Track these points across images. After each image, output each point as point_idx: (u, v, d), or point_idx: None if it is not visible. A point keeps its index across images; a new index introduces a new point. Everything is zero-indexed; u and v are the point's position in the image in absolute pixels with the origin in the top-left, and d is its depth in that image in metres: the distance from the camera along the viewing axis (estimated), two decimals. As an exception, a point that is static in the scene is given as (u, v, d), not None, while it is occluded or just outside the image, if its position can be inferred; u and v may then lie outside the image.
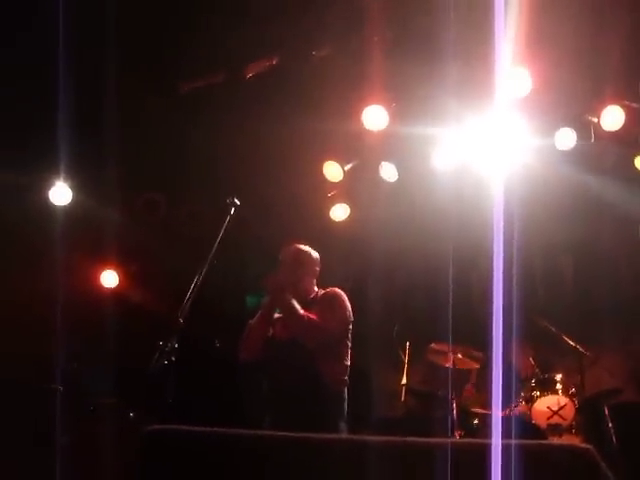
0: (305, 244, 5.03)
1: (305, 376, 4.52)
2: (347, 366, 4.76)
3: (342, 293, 4.84)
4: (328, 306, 4.73)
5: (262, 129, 6.52)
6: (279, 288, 4.67)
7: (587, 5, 5.58)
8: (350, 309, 4.79)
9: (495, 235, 3.70)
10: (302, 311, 4.60)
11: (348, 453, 2.48)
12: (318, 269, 4.99)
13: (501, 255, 3.61)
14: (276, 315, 4.80)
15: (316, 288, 4.96)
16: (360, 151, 6.88)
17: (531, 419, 6.38)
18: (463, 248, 6.64)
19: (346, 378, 4.74)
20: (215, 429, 2.72)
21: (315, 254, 5.01)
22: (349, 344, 4.78)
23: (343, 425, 4.64)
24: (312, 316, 4.59)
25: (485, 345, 6.41)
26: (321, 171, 6.94)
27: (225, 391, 7.25)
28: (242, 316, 5.53)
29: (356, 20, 5.82)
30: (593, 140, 6.59)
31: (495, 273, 3.55)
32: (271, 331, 4.77)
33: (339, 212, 7.38)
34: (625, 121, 6.31)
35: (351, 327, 4.79)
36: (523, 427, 6.19)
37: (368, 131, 6.45)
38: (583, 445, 2.27)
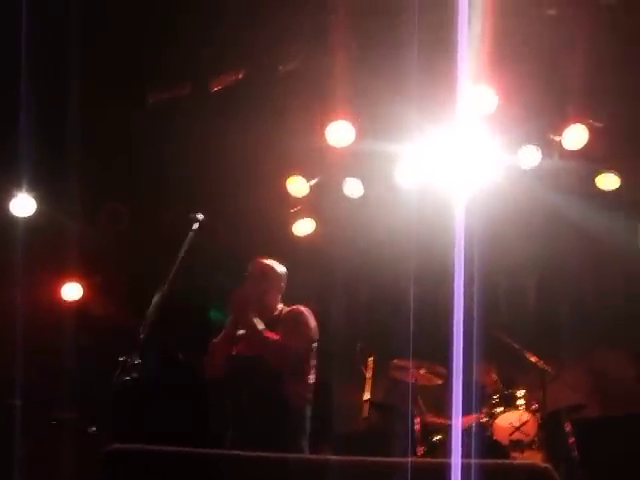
0: (271, 259, 4.99)
1: (268, 395, 4.48)
2: (311, 384, 4.72)
3: (307, 311, 4.79)
4: (293, 325, 4.68)
5: (228, 142, 6.51)
6: (243, 306, 4.63)
7: (549, 24, 5.66)
8: (315, 327, 4.75)
9: (457, 252, 3.72)
10: (265, 331, 4.55)
11: (308, 473, 2.46)
12: (284, 285, 4.94)
13: (462, 272, 3.64)
14: (240, 332, 4.77)
15: (281, 305, 4.90)
16: (325, 167, 6.90)
17: (493, 435, 6.39)
18: (427, 265, 6.67)
19: (309, 396, 4.70)
20: (176, 448, 2.69)
21: (281, 269, 4.96)
22: (314, 362, 4.74)
23: (305, 443, 4.59)
24: (275, 336, 4.55)
25: (447, 360, 6.44)
26: (285, 186, 6.94)
27: (188, 407, 7.21)
28: (207, 330, 5.50)
29: (322, 36, 5.84)
30: (557, 158, 6.67)
31: (456, 290, 3.57)
32: (235, 349, 4.70)
33: (303, 227, 7.38)
34: (588, 140, 6.39)
35: (316, 345, 4.75)
36: (485, 443, 6.21)
37: (333, 147, 6.47)
38: (542, 464, 2.27)
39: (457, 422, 5.81)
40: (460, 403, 5.66)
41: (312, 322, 4.74)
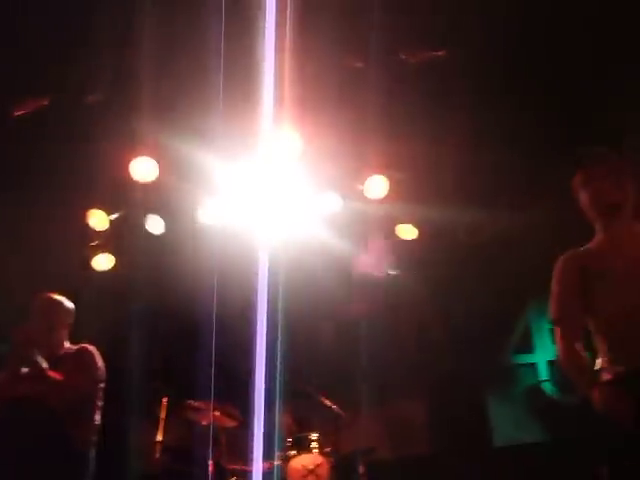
0: (59, 294, 4.74)
1: (49, 438, 4.24)
2: (96, 426, 4.53)
3: (93, 350, 4.59)
4: (78, 364, 4.47)
5: (26, 168, 6.26)
6: (26, 343, 4.36)
7: (356, 75, 5.81)
8: (102, 367, 4.56)
9: (258, 297, 3.70)
10: (48, 370, 4.32)
11: None
12: (71, 321, 4.72)
13: (265, 315, 3.62)
14: (24, 370, 4.52)
15: (68, 343, 4.67)
16: (126, 201, 6.75)
17: (287, 478, 6.39)
18: (227, 305, 6.63)
19: (94, 438, 4.50)
20: None
21: (69, 305, 4.73)
22: (100, 403, 4.55)
23: None
24: (58, 376, 4.33)
25: (243, 403, 6.42)
26: (85, 218, 6.74)
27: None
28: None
29: (129, 71, 5.73)
30: (358, 206, 6.83)
31: (259, 334, 3.55)
32: (18, 389, 4.38)
33: (102, 261, 7.17)
34: (389, 190, 6.60)
35: (103, 385, 4.57)
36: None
37: (136, 182, 6.35)
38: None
39: (258, 467, 5.82)
40: (261, 448, 5.67)
41: (99, 361, 4.56)
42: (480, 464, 6.85)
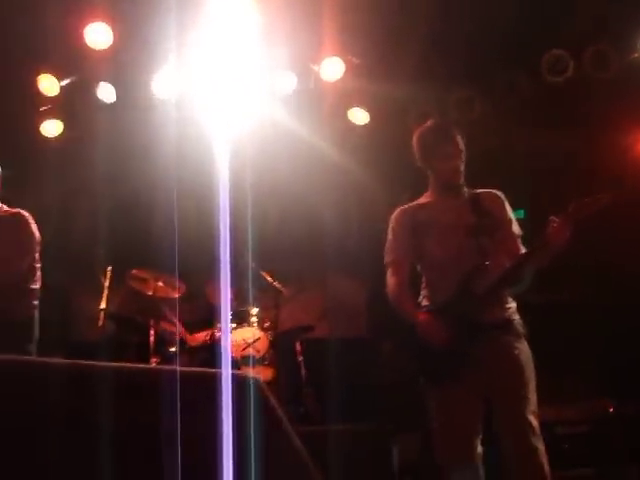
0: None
1: None
2: (36, 290, 4.57)
3: (28, 216, 4.57)
4: (14, 235, 4.48)
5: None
6: None
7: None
8: (36, 233, 4.56)
9: (220, 172, 3.71)
10: None
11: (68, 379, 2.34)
12: None
13: (227, 189, 3.65)
14: None
15: (2, 205, 4.61)
16: (79, 68, 6.64)
17: (226, 349, 6.55)
18: (179, 178, 6.62)
19: (36, 302, 4.56)
20: None
21: None
22: (37, 266, 4.58)
23: (32, 347, 4.47)
24: None
25: (185, 274, 6.50)
26: (35, 84, 6.62)
27: None
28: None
29: None
30: (312, 87, 6.83)
31: (222, 207, 3.57)
32: None
33: (51, 128, 7.09)
34: (344, 73, 6.60)
35: (38, 249, 4.57)
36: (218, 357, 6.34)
37: (90, 48, 6.24)
38: (251, 375, 2.39)
39: (225, 336, 5.94)
40: (228, 318, 5.77)
41: (34, 227, 4.56)
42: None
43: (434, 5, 5.94)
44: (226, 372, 2.24)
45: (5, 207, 4.60)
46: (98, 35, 6.17)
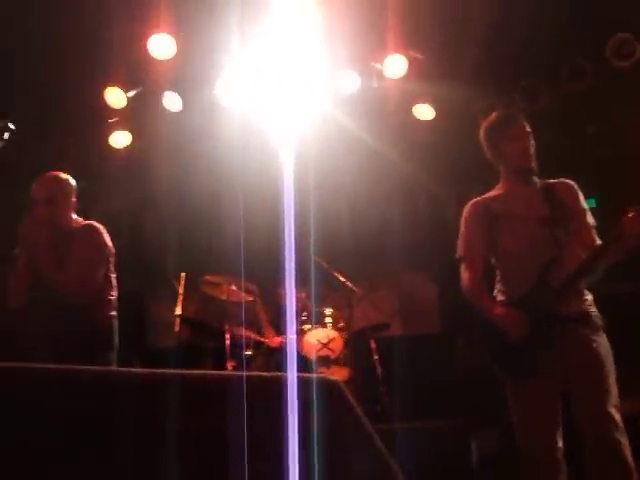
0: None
1: (70, 322, 4.33)
2: (113, 300, 4.63)
3: (101, 227, 4.62)
4: (87, 245, 4.52)
5: (42, 48, 6.22)
6: (34, 244, 4.39)
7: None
8: (110, 244, 4.61)
9: (285, 172, 3.72)
10: (59, 273, 4.37)
11: (138, 387, 2.39)
12: (75, 199, 4.65)
13: (292, 193, 3.65)
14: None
15: (75, 216, 4.66)
16: (144, 79, 6.74)
17: (301, 351, 6.58)
18: (245, 184, 6.68)
19: (113, 313, 4.61)
20: None
21: (71, 182, 4.66)
22: (113, 276, 4.64)
23: (112, 356, 4.54)
24: (69, 275, 4.37)
25: (258, 278, 6.55)
26: (103, 96, 6.75)
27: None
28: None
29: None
30: (376, 86, 6.82)
31: (286, 211, 3.58)
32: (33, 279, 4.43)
33: (120, 139, 7.22)
34: (407, 70, 6.57)
35: (112, 260, 4.62)
36: (295, 359, 6.37)
37: (154, 59, 6.33)
38: (331, 378, 2.39)
39: (291, 337, 5.96)
40: (294, 319, 5.81)
41: (108, 240, 4.61)
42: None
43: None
44: (292, 375, 2.24)
45: (79, 219, 4.67)
46: (161, 45, 6.26)
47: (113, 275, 4.64)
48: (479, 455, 5.48)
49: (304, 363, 6.41)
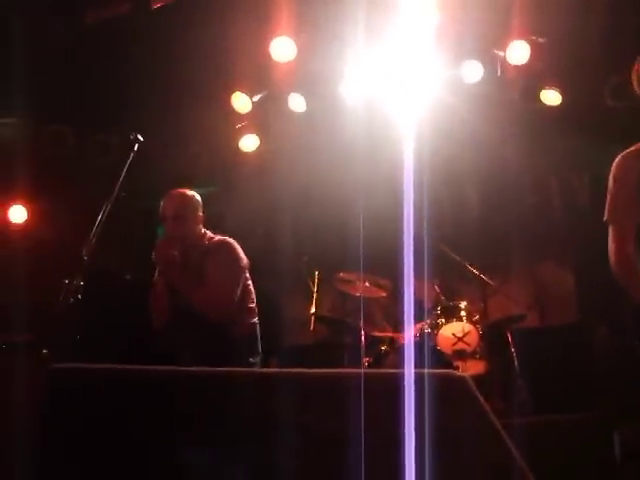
0: (186, 187, 4.88)
1: (213, 336, 4.49)
2: (253, 308, 4.76)
3: (233, 242, 4.74)
4: (224, 262, 4.63)
5: (169, 61, 6.43)
6: (169, 264, 4.55)
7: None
8: (244, 257, 4.71)
9: (405, 166, 3.73)
10: (196, 290, 4.52)
11: (257, 386, 2.48)
12: (202, 213, 4.80)
13: (411, 186, 3.65)
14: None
15: (204, 231, 4.79)
16: (268, 82, 6.87)
17: (437, 345, 6.54)
18: (372, 179, 6.71)
19: (255, 321, 4.75)
20: (120, 366, 2.70)
21: (196, 198, 4.80)
22: (250, 285, 4.76)
23: (255, 360, 4.68)
24: (206, 294, 4.51)
25: (391, 273, 6.55)
26: (229, 102, 6.92)
27: (135, 327, 7.25)
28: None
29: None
30: (499, 74, 6.71)
31: (405, 204, 3.58)
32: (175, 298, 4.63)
33: (248, 143, 7.39)
34: (531, 55, 6.45)
35: (247, 272, 4.74)
36: (429, 353, 6.36)
37: (276, 62, 6.45)
38: (457, 373, 2.39)
39: (409, 332, 5.95)
40: (412, 315, 5.80)
41: (241, 253, 4.71)
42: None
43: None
44: (409, 370, 2.25)
45: (209, 234, 4.79)
46: (283, 48, 6.38)
47: (249, 283, 4.76)
48: (622, 447, 5.32)
49: (440, 357, 6.37)
